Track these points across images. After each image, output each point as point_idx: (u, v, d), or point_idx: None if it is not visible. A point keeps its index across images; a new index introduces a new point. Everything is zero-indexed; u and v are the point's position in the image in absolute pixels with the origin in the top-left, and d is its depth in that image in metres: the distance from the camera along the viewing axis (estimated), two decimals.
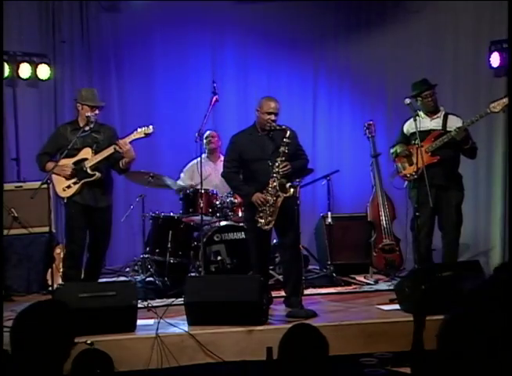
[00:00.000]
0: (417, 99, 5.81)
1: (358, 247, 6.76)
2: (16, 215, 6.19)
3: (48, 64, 7.25)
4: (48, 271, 5.98)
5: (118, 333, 4.60)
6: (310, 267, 6.85)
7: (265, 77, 7.83)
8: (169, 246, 6.11)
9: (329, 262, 6.60)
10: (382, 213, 6.60)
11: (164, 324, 4.80)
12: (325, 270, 6.64)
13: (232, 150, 5.40)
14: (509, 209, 6.59)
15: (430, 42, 7.33)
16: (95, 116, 5.49)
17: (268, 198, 5.11)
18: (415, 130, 5.56)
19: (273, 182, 5.13)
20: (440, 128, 5.78)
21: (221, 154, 6.56)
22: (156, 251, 6.27)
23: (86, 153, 5.43)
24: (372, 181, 6.71)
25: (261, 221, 5.12)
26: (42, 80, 7.26)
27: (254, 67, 7.86)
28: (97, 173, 5.41)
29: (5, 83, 6.90)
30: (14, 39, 7.04)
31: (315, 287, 6.15)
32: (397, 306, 5.15)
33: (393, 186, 6.25)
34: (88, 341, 4.22)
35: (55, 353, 2.47)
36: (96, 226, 5.55)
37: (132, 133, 5.46)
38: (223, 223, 6.17)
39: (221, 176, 5.66)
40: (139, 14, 7.59)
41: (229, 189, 6.08)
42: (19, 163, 7.01)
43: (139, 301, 4.99)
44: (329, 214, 6.64)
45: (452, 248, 5.76)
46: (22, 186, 6.30)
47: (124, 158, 5.41)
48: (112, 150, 5.36)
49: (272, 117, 5.23)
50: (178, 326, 4.76)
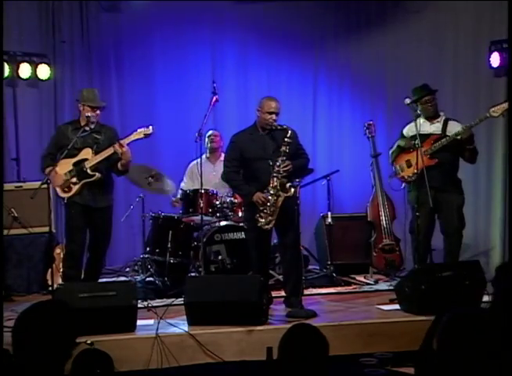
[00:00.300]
0: (417, 104, 5.80)
1: (358, 247, 6.75)
2: (16, 215, 6.19)
3: (48, 64, 7.24)
4: (48, 271, 5.98)
5: (118, 333, 4.59)
6: (310, 267, 6.85)
7: (265, 77, 7.83)
8: (169, 246, 6.11)
9: (329, 262, 6.59)
10: (382, 213, 6.60)
11: (164, 324, 4.80)
12: (325, 270, 6.64)
13: (232, 149, 5.40)
14: (509, 209, 6.58)
15: (430, 42, 7.32)
16: (96, 116, 5.50)
17: (269, 198, 5.11)
18: (415, 133, 5.57)
19: (274, 181, 5.13)
20: (439, 132, 5.78)
21: (222, 154, 6.56)
22: (156, 251, 6.27)
23: (86, 153, 5.43)
24: (372, 181, 6.71)
25: (262, 220, 5.12)
26: (42, 80, 7.26)
27: (254, 67, 7.85)
28: (97, 173, 5.41)
29: (5, 83, 6.90)
30: (14, 39, 7.03)
31: (315, 287, 6.15)
32: (397, 306, 5.15)
33: (390, 187, 6.29)
34: (88, 341, 4.22)
35: (57, 353, 2.47)
36: (96, 226, 5.55)
37: (132, 134, 5.45)
38: (223, 223, 6.17)
39: (221, 176, 5.66)
40: (139, 14, 7.59)
41: (229, 189, 6.08)
42: (19, 163, 7.01)
43: (139, 301, 4.99)
44: (329, 214, 6.64)
45: (453, 254, 5.74)
46: (22, 186, 6.30)
47: (121, 160, 5.41)
48: (112, 150, 5.36)
49: (273, 116, 5.24)
50: (178, 326, 4.75)
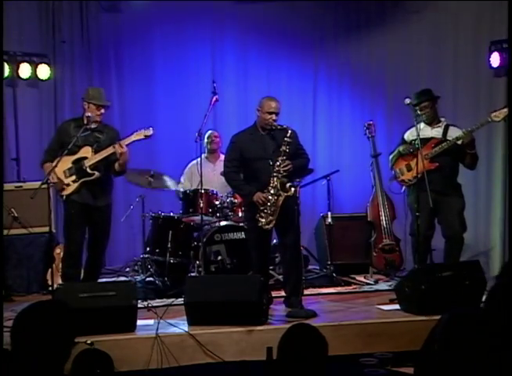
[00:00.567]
0: (416, 108, 5.80)
1: (358, 247, 6.75)
2: (16, 215, 6.19)
3: (48, 64, 7.25)
4: (48, 271, 5.98)
5: (118, 333, 4.59)
6: (310, 267, 6.85)
7: (265, 77, 7.82)
8: (169, 246, 6.11)
9: (329, 262, 6.59)
10: (382, 213, 6.60)
11: (164, 324, 4.80)
12: (325, 270, 6.64)
13: (232, 149, 5.40)
14: (509, 209, 6.58)
15: (430, 42, 7.32)
16: (99, 115, 5.50)
17: (269, 197, 5.11)
18: (416, 138, 5.57)
19: (274, 181, 5.13)
20: (440, 136, 5.78)
21: (221, 154, 6.56)
22: (156, 251, 6.27)
23: (86, 151, 5.43)
24: (372, 181, 6.71)
25: (262, 220, 5.12)
26: (42, 80, 7.26)
27: (254, 67, 7.85)
28: (96, 172, 5.41)
29: (5, 83, 6.90)
30: (14, 39, 7.04)
31: (315, 287, 6.15)
32: (397, 306, 5.15)
33: (390, 190, 6.29)
34: (88, 341, 4.23)
35: (56, 353, 2.47)
36: (95, 225, 5.55)
37: (132, 135, 5.46)
38: (223, 223, 6.17)
39: (221, 176, 5.66)
40: (139, 14, 7.59)
41: (228, 189, 6.08)
42: (19, 163, 7.01)
43: (139, 301, 4.99)
44: (329, 214, 6.64)
45: (454, 257, 5.73)
46: (22, 186, 6.31)
47: (118, 160, 5.41)
48: (112, 150, 5.36)
49: (273, 116, 5.24)
50: (178, 326, 4.75)
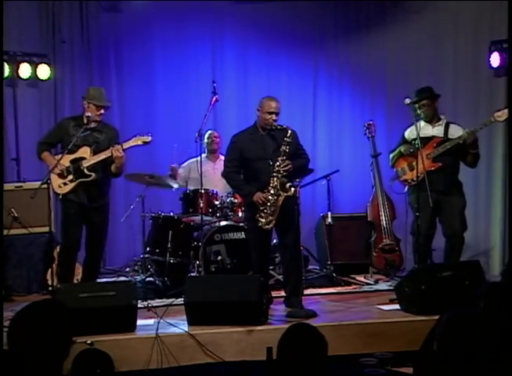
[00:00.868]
0: (415, 106, 5.79)
1: (358, 247, 6.75)
2: (16, 215, 6.19)
3: (48, 64, 7.25)
4: (48, 271, 5.97)
5: (118, 333, 4.59)
6: (310, 267, 6.85)
7: (265, 77, 7.83)
8: (169, 246, 6.11)
9: (329, 262, 6.59)
10: (382, 213, 6.59)
11: (164, 324, 4.80)
12: (325, 270, 6.63)
13: (232, 149, 5.39)
14: (509, 209, 6.58)
15: (430, 42, 7.32)
16: (99, 116, 5.50)
17: (269, 197, 5.11)
18: (416, 136, 5.57)
19: (274, 181, 5.13)
20: (442, 135, 5.77)
21: (220, 154, 6.56)
22: (156, 251, 6.27)
23: (84, 152, 5.44)
24: (372, 181, 6.70)
25: (262, 220, 5.11)
26: (42, 80, 7.26)
27: (254, 67, 7.85)
28: (93, 174, 5.41)
29: (5, 83, 6.91)
30: (14, 39, 7.04)
31: (315, 287, 6.15)
32: (397, 306, 5.15)
33: (392, 190, 6.27)
34: (88, 341, 4.22)
35: (53, 352, 2.47)
36: (92, 224, 5.55)
37: (131, 139, 5.47)
38: (223, 223, 6.17)
39: (221, 176, 5.66)
40: (139, 14, 7.60)
41: (229, 187, 6.08)
42: (19, 163, 7.02)
43: (139, 301, 4.99)
44: (329, 214, 6.63)
45: (454, 257, 5.72)
46: (22, 186, 6.30)
47: (114, 163, 5.41)
48: (110, 152, 5.37)
49: (273, 116, 5.24)
50: (178, 326, 4.75)
